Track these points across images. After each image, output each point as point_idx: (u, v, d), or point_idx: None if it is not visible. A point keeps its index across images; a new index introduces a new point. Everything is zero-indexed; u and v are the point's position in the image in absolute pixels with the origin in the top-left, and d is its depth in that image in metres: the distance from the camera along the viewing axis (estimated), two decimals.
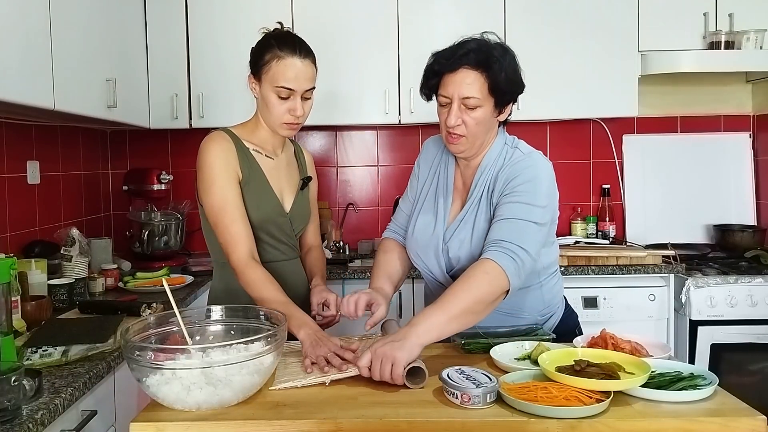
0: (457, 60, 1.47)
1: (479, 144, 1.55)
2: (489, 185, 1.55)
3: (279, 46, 1.62)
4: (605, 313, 2.72)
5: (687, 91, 3.32)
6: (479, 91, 1.47)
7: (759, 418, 1.12)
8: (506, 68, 1.48)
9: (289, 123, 1.67)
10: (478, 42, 1.50)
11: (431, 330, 1.32)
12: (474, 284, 1.37)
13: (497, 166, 1.55)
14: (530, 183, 1.48)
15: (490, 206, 1.53)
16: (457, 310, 1.34)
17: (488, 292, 1.37)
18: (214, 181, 1.63)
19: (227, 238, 1.62)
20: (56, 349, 1.55)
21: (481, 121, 1.50)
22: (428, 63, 1.55)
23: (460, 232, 1.56)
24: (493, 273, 1.37)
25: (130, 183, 3.04)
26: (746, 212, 3.27)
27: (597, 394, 1.15)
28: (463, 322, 1.37)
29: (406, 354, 1.27)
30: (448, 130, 1.51)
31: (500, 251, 1.40)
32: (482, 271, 1.38)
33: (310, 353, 1.40)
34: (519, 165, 1.52)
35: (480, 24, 2.93)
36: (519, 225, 1.43)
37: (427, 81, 1.56)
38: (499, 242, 1.41)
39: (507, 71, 1.48)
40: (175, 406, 1.17)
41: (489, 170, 1.56)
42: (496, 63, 1.46)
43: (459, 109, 1.49)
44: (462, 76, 1.47)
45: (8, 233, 2.29)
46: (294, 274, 1.81)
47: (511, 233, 1.42)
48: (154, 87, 2.93)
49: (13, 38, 1.74)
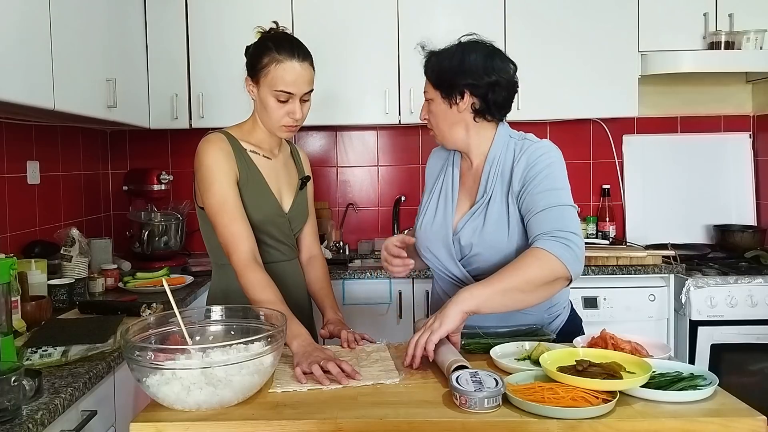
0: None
1: (449, 134, 1.60)
2: (501, 175, 1.56)
3: (277, 50, 1.61)
4: (605, 313, 2.72)
5: (687, 92, 3.32)
6: (429, 87, 1.59)
7: (759, 418, 1.12)
8: (442, 61, 1.56)
9: (287, 125, 1.66)
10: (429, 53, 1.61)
11: (471, 299, 1.35)
12: (522, 266, 1.38)
13: (508, 158, 1.57)
14: (549, 168, 1.51)
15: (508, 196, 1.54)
16: (501, 286, 1.36)
17: (537, 274, 1.38)
18: (213, 181, 1.63)
19: (228, 237, 1.61)
20: (56, 349, 1.55)
21: (436, 113, 1.59)
22: None
23: (474, 221, 1.57)
24: (544, 258, 1.38)
25: (130, 183, 3.04)
26: (746, 212, 3.27)
27: (603, 394, 1.15)
28: (510, 299, 1.38)
29: (445, 321, 1.32)
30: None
31: (549, 239, 1.40)
32: (532, 256, 1.39)
33: (301, 361, 1.36)
34: (534, 153, 1.55)
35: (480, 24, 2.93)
36: (556, 212, 1.45)
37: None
38: (545, 233, 1.42)
39: (442, 64, 1.55)
40: (175, 407, 1.17)
41: (498, 162, 1.58)
42: (433, 58, 1.58)
43: (425, 105, 1.62)
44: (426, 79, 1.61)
45: (8, 233, 2.29)
46: (293, 275, 1.81)
47: (553, 222, 1.43)
48: (154, 87, 2.93)
49: (13, 38, 1.74)
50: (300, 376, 1.32)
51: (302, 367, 1.34)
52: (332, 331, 1.68)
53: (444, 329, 1.33)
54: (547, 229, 1.42)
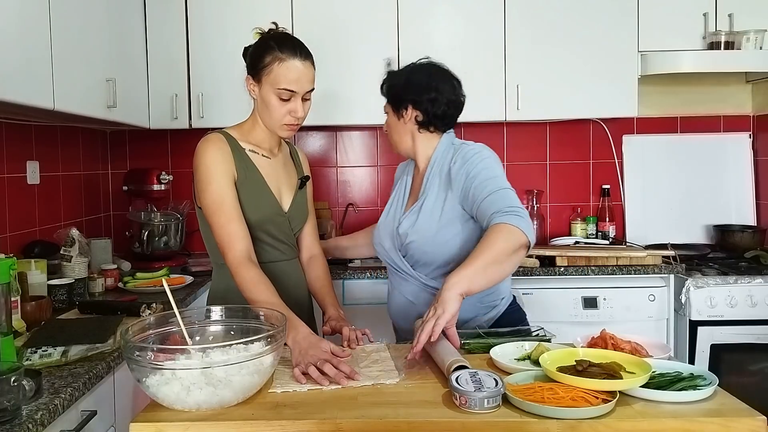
0: None
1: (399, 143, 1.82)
2: (439, 174, 1.74)
3: (280, 48, 1.62)
4: (605, 313, 2.72)
5: (687, 92, 3.32)
6: (385, 102, 1.83)
7: (759, 418, 1.12)
8: (392, 80, 1.80)
9: (289, 124, 1.68)
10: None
11: (461, 281, 1.42)
12: (492, 240, 1.49)
13: (447, 159, 1.75)
14: (483, 162, 1.68)
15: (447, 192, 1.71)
16: (481, 262, 1.45)
17: (506, 244, 1.49)
18: (210, 181, 1.63)
19: (223, 237, 1.61)
20: (56, 349, 1.54)
21: (390, 125, 1.83)
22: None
23: (412, 215, 1.76)
24: (506, 230, 1.49)
25: (130, 183, 3.04)
26: (746, 212, 3.27)
27: (603, 395, 1.15)
28: (492, 273, 1.48)
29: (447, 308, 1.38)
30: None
31: (504, 215, 1.52)
32: (496, 231, 1.50)
33: (300, 361, 1.36)
34: (468, 153, 1.72)
35: (480, 24, 2.96)
36: (500, 194, 1.59)
37: None
38: (496, 212, 1.55)
39: (392, 82, 1.79)
40: (175, 407, 1.17)
41: (438, 164, 1.76)
42: (387, 78, 1.82)
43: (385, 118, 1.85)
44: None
45: (8, 233, 2.29)
46: (293, 275, 1.81)
47: (500, 202, 1.57)
48: (154, 87, 2.93)
49: (13, 38, 1.74)
50: (299, 376, 1.32)
51: (300, 368, 1.34)
52: (334, 327, 1.69)
53: (449, 314, 1.38)
54: (497, 208, 1.55)
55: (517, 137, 3.36)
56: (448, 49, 2.94)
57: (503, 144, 3.36)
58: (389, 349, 1.55)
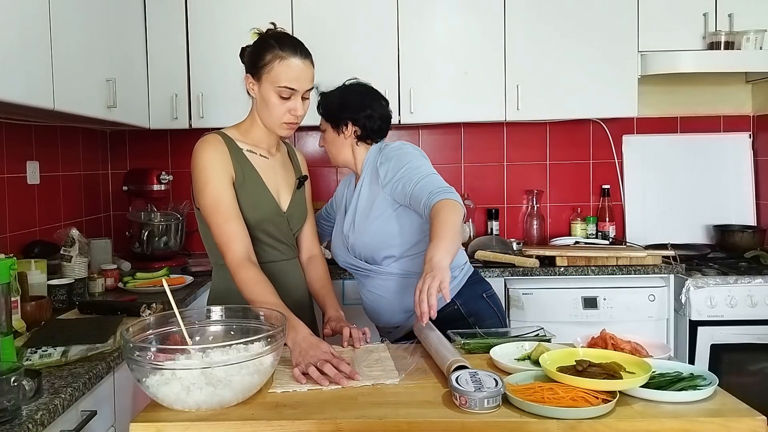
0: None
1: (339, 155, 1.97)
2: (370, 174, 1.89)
3: (280, 47, 1.63)
4: (605, 313, 2.72)
5: (687, 92, 3.32)
6: (322, 120, 1.98)
7: (759, 418, 1.12)
8: (327, 100, 1.94)
9: (288, 123, 1.68)
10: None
11: (446, 254, 1.51)
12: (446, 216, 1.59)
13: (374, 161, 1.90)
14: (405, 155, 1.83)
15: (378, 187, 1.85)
16: (450, 236, 1.55)
17: (458, 217, 1.61)
18: (208, 182, 1.63)
19: (222, 237, 1.61)
20: (56, 349, 1.54)
21: (329, 140, 1.97)
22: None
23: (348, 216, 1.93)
24: (451, 205, 1.62)
25: (130, 183, 3.04)
26: (746, 212, 3.27)
27: (603, 395, 1.15)
28: (457, 242, 1.59)
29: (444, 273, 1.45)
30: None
31: (441, 193, 1.65)
32: (445, 206, 1.61)
33: (299, 361, 1.36)
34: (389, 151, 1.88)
35: (480, 24, 2.96)
36: (429, 178, 1.73)
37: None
38: (433, 191, 1.66)
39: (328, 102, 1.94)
40: (175, 407, 1.17)
41: (368, 167, 1.92)
42: (322, 99, 1.96)
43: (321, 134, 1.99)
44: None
45: (8, 233, 2.29)
46: (293, 275, 1.81)
47: (429, 185, 1.69)
48: (154, 87, 2.93)
49: (13, 38, 1.74)
50: (299, 377, 1.32)
51: (300, 368, 1.34)
52: (334, 328, 1.69)
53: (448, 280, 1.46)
54: (431, 189, 1.68)
55: (517, 137, 3.36)
56: (448, 49, 2.95)
57: (503, 144, 3.36)
58: (389, 349, 1.55)
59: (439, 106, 2.94)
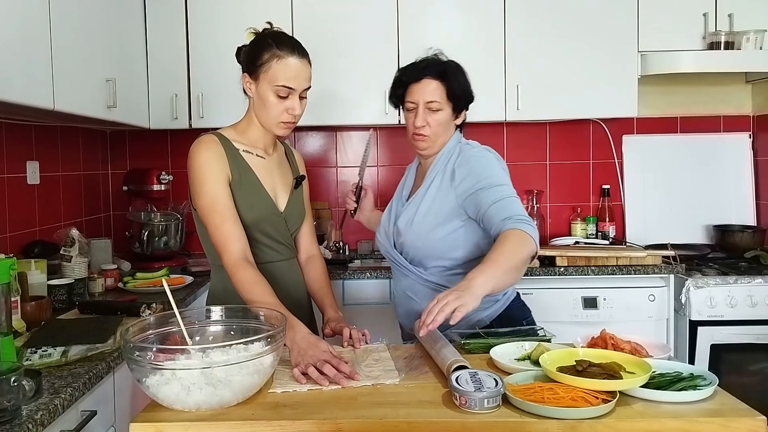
0: (420, 71, 1.75)
1: (440, 143, 1.78)
2: (443, 172, 1.75)
3: (278, 46, 1.62)
4: (605, 313, 2.72)
5: (687, 92, 3.32)
6: (440, 96, 1.73)
7: (759, 418, 1.12)
8: (459, 79, 1.76)
9: (286, 122, 1.67)
10: (435, 59, 1.79)
11: (488, 282, 1.42)
12: (513, 245, 1.50)
13: (451, 159, 1.75)
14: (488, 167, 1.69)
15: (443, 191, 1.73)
16: (506, 265, 1.47)
17: (526, 252, 1.51)
18: (204, 182, 1.63)
19: (219, 238, 1.61)
20: (56, 349, 1.55)
21: (442, 122, 1.75)
22: (395, 76, 1.82)
23: (409, 210, 1.78)
24: (525, 238, 1.52)
25: (130, 183, 3.04)
26: (746, 212, 3.27)
27: (603, 395, 1.15)
28: (511, 277, 1.51)
29: (472, 301, 1.36)
30: (415, 131, 1.76)
31: (516, 222, 1.54)
32: (515, 236, 1.52)
33: (299, 361, 1.36)
34: (471, 156, 1.73)
35: (480, 24, 2.96)
36: (507, 202, 1.61)
37: (395, 91, 1.81)
38: (509, 218, 1.56)
39: (460, 81, 1.76)
40: (175, 407, 1.17)
41: (442, 160, 1.77)
42: (452, 74, 1.74)
43: (424, 112, 1.74)
44: (425, 84, 1.74)
45: (8, 233, 2.29)
46: (291, 275, 1.81)
47: (509, 210, 1.58)
48: (154, 87, 2.93)
49: (13, 38, 1.74)
50: (299, 377, 1.32)
51: (300, 368, 1.34)
52: (334, 329, 1.68)
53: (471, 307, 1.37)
54: (508, 214, 1.57)
55: (517, 137, 3.36)
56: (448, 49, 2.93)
57: (503, 144, 3.36)
58: (389, 349, 1.55)
59: None
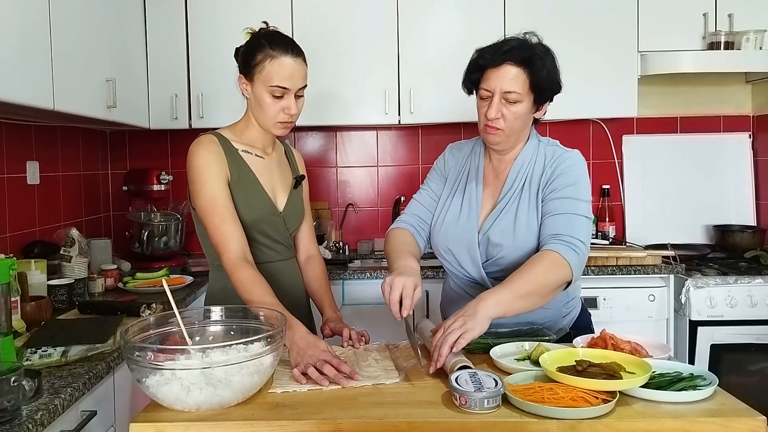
0: (501, 56, 1.53)
1: (515, 138, 1.60)
2: (530, 178, 1.60)
3: (271, 46, 1.62)
4: (605, 313, 2.72)
5: (687, 92, 3.32)
6: (521, 86, 1.52)
7: (759, 418, 1.12)
8: (547, 66, 1.54)
9: (283, 122, 1.67)
10: (521, 40, 1.56)
11: (499, 305, 1.37)
12: (541, 269, 1.43)
13: (539, 162, 1.61)
14: (575, 179, 1.56)
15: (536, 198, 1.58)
16: (524, 290, 1.40)
17: (553, 279, 1.44)
18: (203, 183, 1.63)
19: (218, 238, 1.61)
20: (56, 349, 1.55)
21: (520, 116, 1.55)
22: (472, 57, 1.60)
23: (501, 221, 1.59)
24: (559, 262, 1.44)
25: (130, 183, 3.04)
26: (746, 212, 3.27)
27: (602, 395, 1.15)
28: (528, 302, 1.42)
29: (477, 325, 1.33)
30: (487, 122, 1.56)
31: (562, 244, 1.46)
32: (548, 259, 1.44)
33: (298, 361, 1.35)
34: (565, 162, 1.58)
35: (480, 24, 2.96)
36: (571, 219, 1.51)
37: (470, 75, 1.61)
38: (559, 236, 1.48)
39: (548, 69, 1.55)
40: (175, 407, 1.17)
41: (528, 164, 1.61)
42: (538, 60, 1.52)
43: (500, 103, 1.53)
44: (505, 71, 1.53)
45: (8, 233, 2.29)
46: (290, 275, 1.81)
47: (566, 227, 1.49)
48: (153, 87, 2.93)
49: (13, 38, 1.74)
50: (298, 377, 1.32)
51: (300, 368, 1.34)
52: (333, 329, 1.68)
53: (478, 333, 1.34)
54: (559, 231, 1.48)
55: None
56: (448, 49, 2.94)
57: None
58: (389, 349, 1.55)
59: (439, 106, 2.93)
